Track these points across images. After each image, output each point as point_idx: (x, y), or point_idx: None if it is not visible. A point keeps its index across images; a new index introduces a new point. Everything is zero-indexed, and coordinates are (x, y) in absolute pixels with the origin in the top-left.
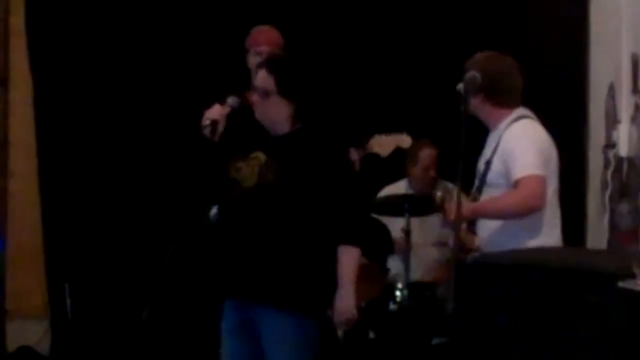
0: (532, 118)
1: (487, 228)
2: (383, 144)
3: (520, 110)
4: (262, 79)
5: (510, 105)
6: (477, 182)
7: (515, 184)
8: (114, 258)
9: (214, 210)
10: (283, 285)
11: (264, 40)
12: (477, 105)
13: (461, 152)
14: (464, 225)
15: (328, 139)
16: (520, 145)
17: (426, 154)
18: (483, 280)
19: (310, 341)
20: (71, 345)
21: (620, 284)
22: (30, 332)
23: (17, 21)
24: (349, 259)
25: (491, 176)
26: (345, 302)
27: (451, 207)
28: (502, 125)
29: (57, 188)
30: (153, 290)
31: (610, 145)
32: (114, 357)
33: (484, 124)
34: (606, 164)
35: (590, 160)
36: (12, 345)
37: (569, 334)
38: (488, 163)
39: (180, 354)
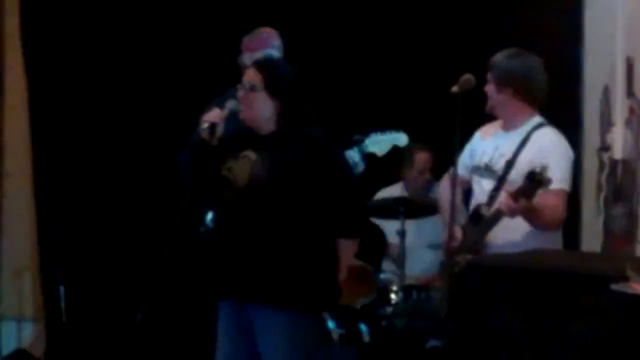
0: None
1: (509, 231)
2: (379, 143)
3: (540, 117)
4: (251, 75)
5: (535, 104)
6: (494, 181)
7: (547, 193)
8: (109, 260)
9: (209, 216)
10: (279, 283)
11: (269, 45)
12: (504, 101)
13: (456, 154)
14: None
15: (319, 134)
16: (558, 156)
17: (421, 157)
18: (478, 283)
19: (306, 339)
20: (66, 348)
21: (614, 286)
22: (25, 334)
23: (12, 24)
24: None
25: (515, 176)
26: None
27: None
28: (526, 126)
29: (52, 191)
30: (148, 293)
31: (604, 148)
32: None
33: (502, 120)
34: (601, 167)
35: (585, 163)
36: (6, 347)
37: (563, 336)
38: (510, 163)
39: (174, 356)
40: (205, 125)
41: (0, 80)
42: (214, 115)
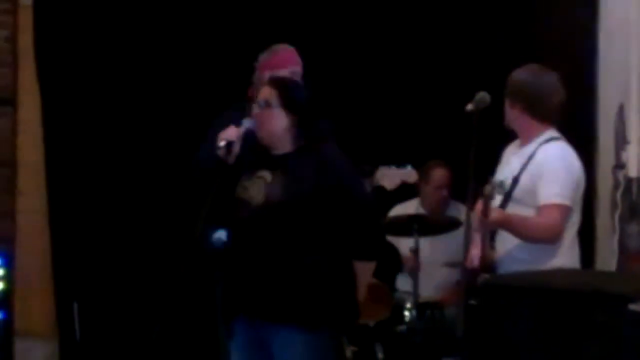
0: (564, 140)
1: (507, 243)
2: (389, 177)
3: (553, 131)
4: (266, 92)
5: (548, 119)
6: (501, 196)
7: (540, 209)
8: (123, 278)
9: (217, 234)
10: (296, 303)
11: (297, 64)
12: (515, 116)
13: (471, 172)
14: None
15: (335, 155)
16: (554, 170)
17: (438, 173)
18: (494, 301)
19: (322, 358)
20: None
21: (631, 306)
22: (39, 352)
23: (26, 40)
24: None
25: (518, 192)
26: None
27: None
28: (535, 142)
29: (66, 207)
30: (163, 311)
31: (619, 165)
32: None
33: (517, 135)
34: (616, 185)
35: (600, 180)
36: None
37: (579, 355)
38: (516, 179)
39: None
40: (221, 143)
41: (14, 96)
42: (230, 133)
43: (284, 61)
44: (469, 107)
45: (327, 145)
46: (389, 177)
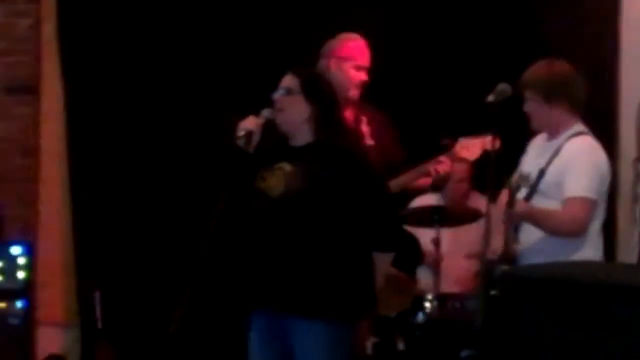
0: (590, 135)
1: (531, 235)
2: (470, 148)
3: (580, 126)
4: (287, 80)
5: (574, 111)
6: (527, 189)
7: (566, 202)
8: (145, 266)
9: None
10: (315, 294)
11: (367, 56)
12: (547, 112)
13: (492, 163)
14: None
15: (354, 147)
16: (581, 164)
17: (459, 166)
18: (513, 293)
19: (342, 349)
20: (101, 354)
21: None
22: (61, 340)
23: (49, 29)
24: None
25: (544, 185)
26: None
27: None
28: (562, 135)
29: (88, 196)
30: (182, 301)
31: None
32: None
33: (548, 131)
34: (637, 177)
35: (621, 173)
36: (42, 353)
37: (598, 349)
38: (542, 171)
39: None
40: (241, 133)
41: (37, 85)
42: (250, 123)
43: (353, 55)
44: (490, 98)
45: (347, 137)
46: (470, 147)
